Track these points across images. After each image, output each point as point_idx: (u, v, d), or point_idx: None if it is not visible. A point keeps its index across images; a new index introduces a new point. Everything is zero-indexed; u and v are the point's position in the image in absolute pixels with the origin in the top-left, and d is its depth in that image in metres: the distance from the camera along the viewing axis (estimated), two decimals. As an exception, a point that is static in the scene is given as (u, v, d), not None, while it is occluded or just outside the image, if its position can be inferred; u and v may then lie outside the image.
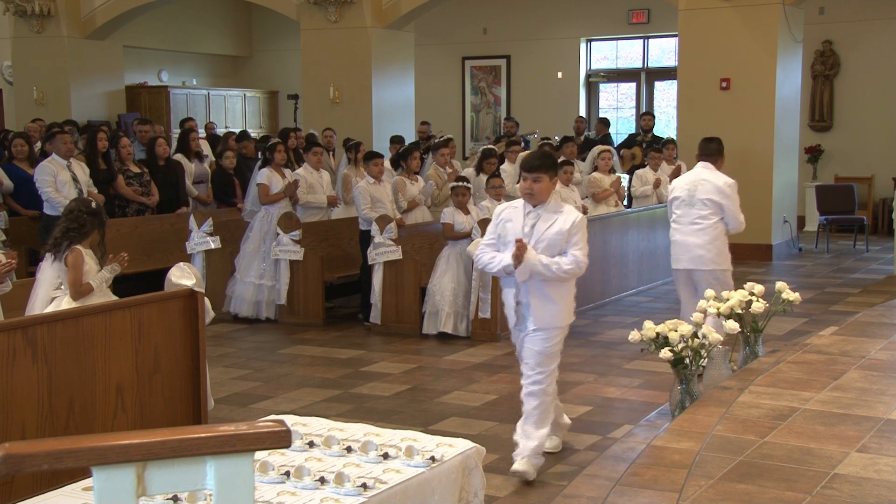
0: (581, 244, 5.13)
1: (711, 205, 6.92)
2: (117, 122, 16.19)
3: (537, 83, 17.80)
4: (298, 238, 9.05)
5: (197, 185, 10.85)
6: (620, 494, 3.92)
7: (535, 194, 5.08)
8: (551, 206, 5.14)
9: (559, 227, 5.08)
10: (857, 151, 15.65)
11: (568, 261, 5.09)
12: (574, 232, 5.09)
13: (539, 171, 5.05)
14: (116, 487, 2.00)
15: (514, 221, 5.18)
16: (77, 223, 5.64)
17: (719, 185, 6.96)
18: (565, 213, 5.13)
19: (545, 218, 5.12)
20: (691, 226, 6.97)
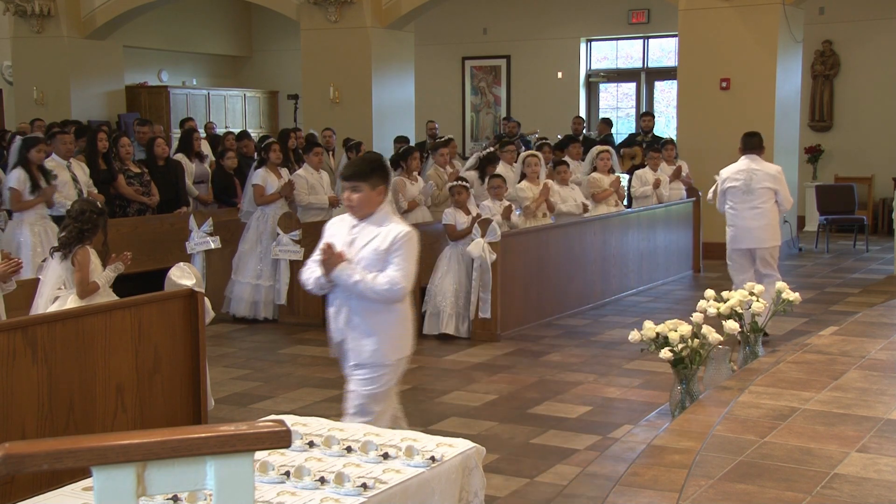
0: (402, 264, 4.41)
1: (768, 191, 8.03)
2: (117, 122, 16.19)
3: (537, 83, 17.80)
4: (298, 238, 9.04)
5: (197, 185, 10.85)
6: (620, 494, 3.92)
7: (356, 206, 4.48)
8: (377, 218, 4.49)
9: (377, 244, 4.44)
10: (857, 151, 15.65)
11: (383, 281, 4.39)
12: (394, 249, 4.42)
13: (356, 180, 4.45)
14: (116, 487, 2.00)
15: (338, 236, 4.59)
16: (90, 223, 5.67)
17: (772, 174, 8.09)
18: (389, 228, 4.47)
19: (367, 232, 4.50)
20: (751, 211, 8.03)
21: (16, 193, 8.46)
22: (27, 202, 8.49)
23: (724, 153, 12.40)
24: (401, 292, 4.43)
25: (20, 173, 8.50)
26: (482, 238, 8.31)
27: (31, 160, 8.54)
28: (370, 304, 4.44)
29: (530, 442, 5.78)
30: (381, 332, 4.51)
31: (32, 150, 8.53)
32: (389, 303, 4.46)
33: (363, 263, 4.44)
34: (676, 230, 11.45)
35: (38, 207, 8.55)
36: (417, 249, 4.54)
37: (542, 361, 7.70)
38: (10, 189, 8.51)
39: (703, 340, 5.28)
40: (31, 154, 8.53)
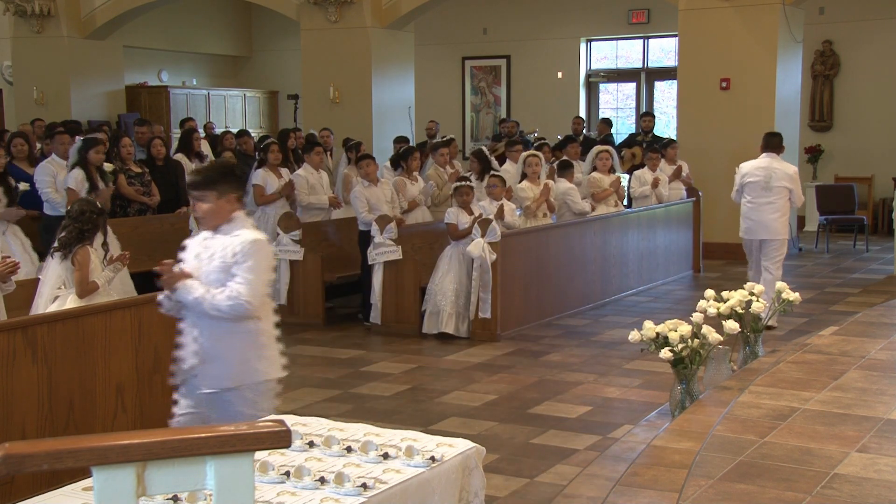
0: (246, 276, 4.05)
1: (783, 189, 8.66)
2: (117, 122, 16.18)
3: (537, 83, 17.80)
4: (298, 238, 9.05)
5: (197, 185, 10.85)
6: (620, 494, 3.92)
7: (205, 217, 4.16)
8: (228, 229, 4.15)
9: (223, 256, 4.10)
10: (857, 151, 15.65)
11: (225, 296, 4.03)
12: (240, 260, 4.07)
13: (202, 189, 4.11)
14: (116, 487, 2.00)
15: (191, 250, 4.26)
16: (90, 223, 5.67)
17: (790, 174, 8.75)
18: (237, 238, 4.12)
19: (216, 244, 4.16)
20: (767, 205, 8.68)
21: (73, 194, 8.23)
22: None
23: (725, 153, 12.45)
24: (245, 307, 4.04)
25: (79, 174, 8.37)
26: (482, 238, 8.31)
27: (89, 161, 8.42)
28: (220, 323, 4.08)
29: (530, 442, 5.78)
30: (233, 355, 4.14)
31: (91, 150, 8.44)
32: (236, 320, 4.08)
33: (209, 278, 4.09)
34: (676, 230, 11.45)
35: None
36: (269, 260, 4.22)
37: (542, 361, 7.70)
38: (68, 189, 8.36)
39: (703, 340, 5.28)
40: (90, 155, 8.41)
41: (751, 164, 8.84)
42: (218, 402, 4.17)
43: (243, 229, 4.16)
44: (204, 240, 4.22)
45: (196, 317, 4.14)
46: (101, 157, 8.54)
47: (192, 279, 4.11)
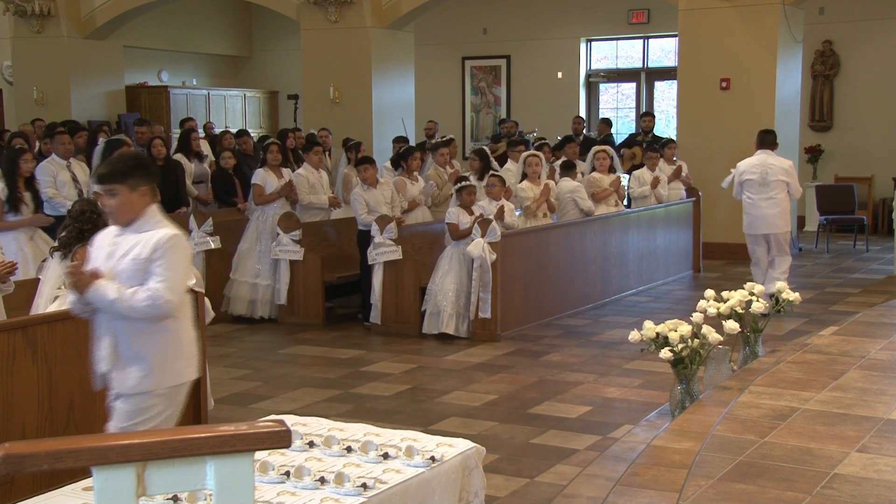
0: (165, 274, 3.85)
1: (781, 183, 9.04)
2: (117, 122, 16.18)
3: (537, 83, 17.80)
4: (298, 238, 9.05)
5: (196, 185, 10.85)
6: (620, 494, 3.92)
7: (115, 212, 3.95)
8: (140, 224, 3.95)
9: (137, 253, 3.88)
10: (857, 151, 15.65)
11: (143, 296, 3.82)
12: (156, 257, 3.86)
13: (111, 182, 3.91)
14: (116, 487, 2.00)
15: (100, 248, 4.04)
16: (91, 224, 5.66)
17: (785, 168, 9.12)
18: (151, 233, 3.92)
19: (128, 241, 3.94)
20: (767, 201, 9.04)
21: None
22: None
23: (725, 153, 12.44)
24: (166, 307, 3.85)
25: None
26: (482, 238, 8.31)
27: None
28: (136, 324, 3.88)
29: (530, 442, 5.78)
30: (151, 357, 3.93)
31: (116, 152, 8.25)
32: (156, 320, 3.89)
33: (122, 277, 3.87)
34: (676, 230, 11.45)
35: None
36: (187, 256, 4.08)
37: (542, 361, 7.70)
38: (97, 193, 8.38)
39: (703, 340, 5.28)
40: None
41: (747, 162, 9.23)
42: (132, 404, 3.96)
43: (158, 224, 3.97)
44: (115, 237, 3.99)
45: (110, 319, 3.92)
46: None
47: (105, 279, 3.87)
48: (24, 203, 7.77)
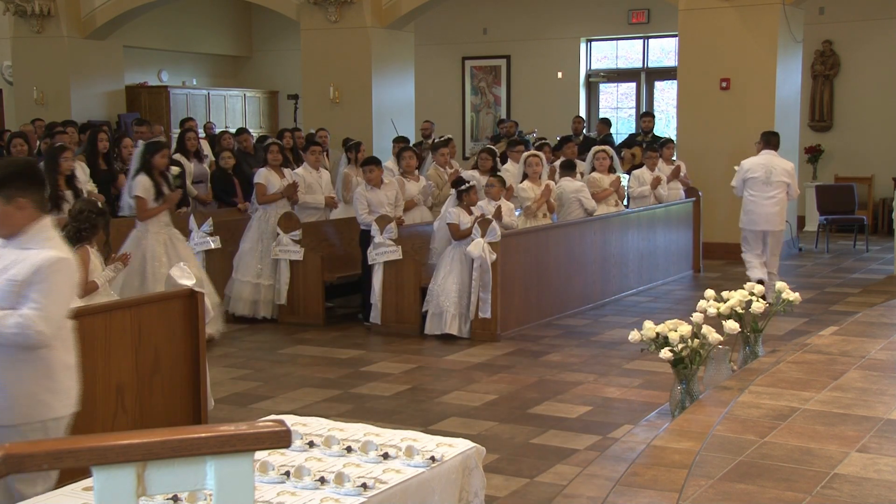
0: (41, 302, 3.50)
1: (782, 183, 9.51)
2: (117, 122, 16.19)
3: (537, 83, 17.80)
4: (298, 238, 9.05)
5: (196, 185, 10.84)
6: (620, 494, 3.92)
7: None
8: (25, 240, 3.59)
9: (16, 273, 3.53)
10: (857, 151, 15.65)
11: (12, 322, 3.48)
12: (35, 281, 3.50)
13: None
14: (116, 487, 2.00)
15: None
16: (88, 223, 5.67)
17: (787, 169, 9.62)
18: (35, 252, 3.56)
19: (7, 257, 3.59)
20: (769, 199, 9.49)
21: (142, 202, 7.86)
22: (152, 210, 7.91)
23: (724, 153, 12.45)
24: (35, 337, 3.49)
25: (146, 180, 7.88)
26: (482, 238, 8.31)
27: (154, 166, 7.94)
28: (4, 350, 3.54)
29: (530, 442, 5.78)
30: (14, 388, 3.58)
31: (156, 155, 7.98)
32: (24, 349, 3.54)
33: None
34: (676, 230, 11.45)
35: (161, 215, 7.99)
36: (71, 282, 3.68)
37: (542, 361, 7.70)
38: (137, 197, 7.88)
39: (703, 340, 5.28)
40: (154, 159, 7.95)
41: (752, 161, 9.70)
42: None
43: (45, 242, 3.59)
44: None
45: None
46: (165, 162, 8.13)
47: None
48: (66, 201, 7.49)
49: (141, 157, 8.01)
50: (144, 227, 7.96)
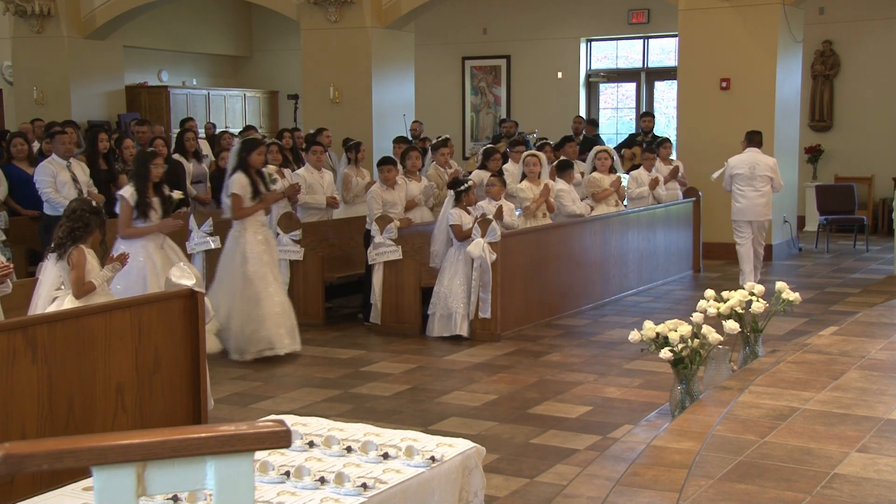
0: None
1: (766, 178, 10.39)
2: (117, 122, 16.20)
3: (537, 83, 17.81)
4: (298, 238, 9.05)
5: (195, 185, 10.85)
6: (620, 494, 3.92)
7: None
8: None
9: None
10: (857, 151, 15.65)
11: None
12: None
13: None
14: (116, 487, 2.00)
15: None
16: (81, 222, 5.65)
17: (770, 164, 10.49)
18: None
19: None
20: (755, 192, 10.41)
21: (238, 200, 7.65)
22: (248, 209, 7.70)
23: (724, 153, 12.42)
24: None
25: (243, 178, 7.64)
26: (482, 238, 8.31)
27: (251, 163, 7.70)
28: None
29: (530, 442, 5.78)
30: None
31: (253, 152, 7.73)
32: None
33: None
34: (676, 230, 11.45)
35: (258, 214, 7.80)
36: None
37: (542, 361, 7.70)
38: (233, 195, 7.65)
39: (703, 340, 5.28)
40: (251, 157, 7.70)
41: (737, 159, 10.55)
42: None
43: None
44: None
45: None
46: (262, 159, 7.85)
47: None
48: (153, 209, 7.10)
49: (237, 155, 7.79)
50: (241, 225, 7.77)
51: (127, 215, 7.04)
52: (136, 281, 6.79)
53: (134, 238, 7.00)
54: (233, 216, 7.80)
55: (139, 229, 7.05)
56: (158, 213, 7.17)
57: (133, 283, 6.74)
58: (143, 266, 6.85)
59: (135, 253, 6.74)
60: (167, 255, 7.09)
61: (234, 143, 8.20)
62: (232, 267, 7.73)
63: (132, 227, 7.04)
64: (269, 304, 7.72)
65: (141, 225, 7.05)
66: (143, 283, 6.79)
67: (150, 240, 7.07)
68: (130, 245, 6.85)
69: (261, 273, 7.70)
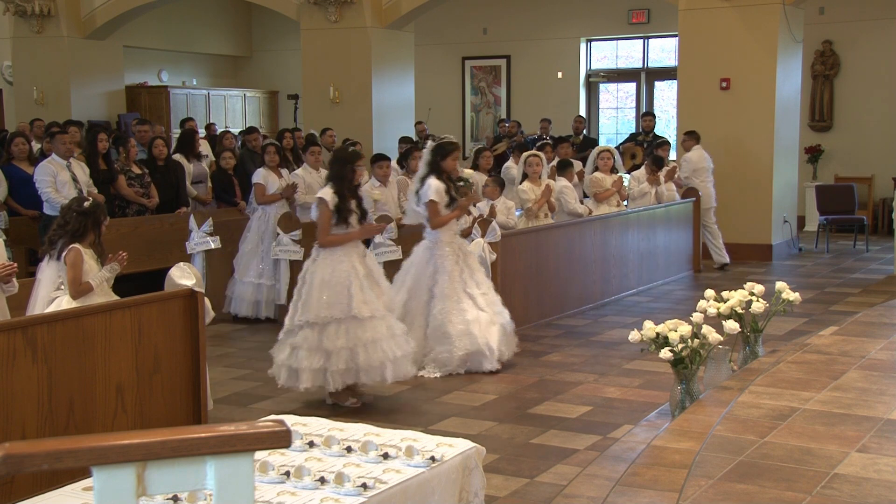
0: None
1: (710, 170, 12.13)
2: (117, 122, 16.20)
3: (537, 83, 17.81)
4: (298, 238, 9.05)
5: (195, 185, 10.84)
6: (620, 494, 3.92)
7: None
8: None
9: None
10: (857, 151, 15.65)
11: None
12: None
13: None
14: (116, 487, 2.00)
15: None
16: (63, 220, 5.64)
17: (710, 157, 12.17)
18: None
19: None
20: (711, 182, 12.08)
21: (435, 207, 7.20)
22: (445, 217, 7.28)
23: (724, 153, 12.46)
24: None
25: (438, 184, 7.18)
26: (482, 238, 8.31)
27: (444, 169, 7.24)
28: None
29: (530, 442, 5.77)
30: None
31: (447, 157, 7.24)
32: None
33: None
34: (676, 230, 11.45)
35: (452, 223, 7.38)
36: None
37: (542, 361, 7.70)
38: (430, 202, 7.21)
39: (703, 340, 5.28)
40: (445, 162, 7.23)
41: (695, 155, 12.03)
42: None
43: None
44: None
45: None
46: (455, 164, 7.35)
47: None
48: (353, 213, 6.42)
49: (430, 159, 7.26)
50: (436, 236, 7.30)
51: (327, 221, 6.31)
52: (341, 293, 6.20)
53: (335, 246, 6.32)
54: (430, 225, 7.28)
55: (341, 236, 6.32)
56: (357, 219, 6.44)
57: (337, 296, 6.19)
58: (347, 277, 6.22)
59: (337, 263, 6.25)
60: (368, 266, 6.45)
61: (426, 145, 7.53)
62: (422, 281, 7.24)
63: (333, 235, 6.32)
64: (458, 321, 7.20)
65: (341, 231, 6.36)
66: (349, 297, 6.20)
67: (353, 248, 6.38)
68: (331, 254, 6.28)
69: (449, 290, 7.21)
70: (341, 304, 6.19)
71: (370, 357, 6.23)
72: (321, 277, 6.23)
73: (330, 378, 6.23)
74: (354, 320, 6.20)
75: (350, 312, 6.18)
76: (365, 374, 6.29)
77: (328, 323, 6.19)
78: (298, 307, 6.29)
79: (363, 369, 6.26)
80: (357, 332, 6.20)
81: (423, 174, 7.32)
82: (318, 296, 6.19)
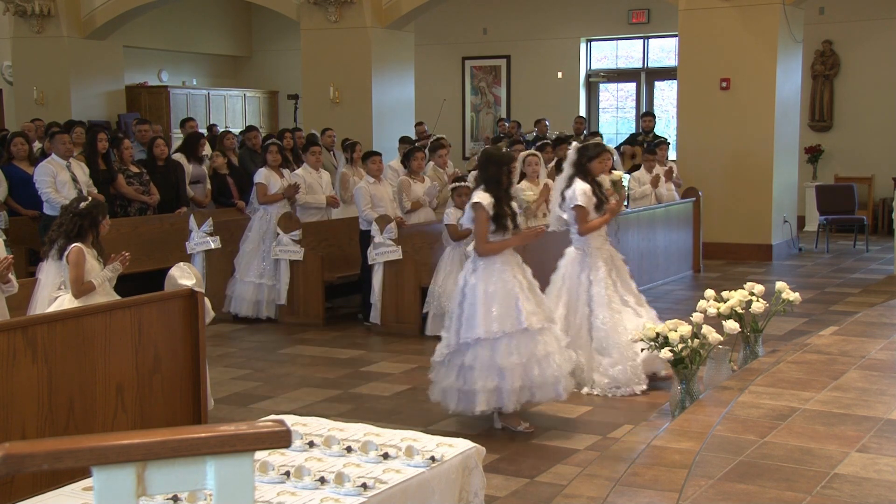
0: None
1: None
2: (117, 122, 16.20)
3: (537, 83, 17.80)
4: (298, 238, 9.05)
5: (193, 186, 10.82)
6: (620, 494, 3.92)
7: None
8: None
9: None
10: (857, 151, 15.65)
11: None
12: None
13: None
14: (116, 487, 2.00)
15: None
16: (69, 222, 5.65)
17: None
18: None
19: None
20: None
21: (583, 212, 6.90)
22: (595, 222, 6.96)
23: (725, 153, 12.45)
24: None
25: (586, 187, 6.88)
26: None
27: (591, 171, 6.95)
28: None
29: (530, 442, 5.77)
30: None
31: (595, 159, 6.96)
32: None
33: None
34: (676, 230, 11.45)
35: (601, 229, 7.08)
36: None
37: (542, 361, 7.68)
38: (577, 207, 6.88)
39: (703, 340, 5.29)
40: (592, 164, 6.94)
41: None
42: None
43: None
44: None
45: None
46: (602, 167, 7.07)
47: None
48: (510, 218, 6.02)
49: (576, 161, 6.96)
50: (584, 242, 6.96)
51: (485, 227, 5.88)
52: (510, 305, 5.80)
53: (494, 254, 5.91)
54: (579, 231, 6.95)
55: (500, 244, 5.91)
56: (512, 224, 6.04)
57: (507, 309, 5.79)
58: (511, 286, 5.84)
59: (499, 273, 5.87)
60: (527, 275, 6.08)
61: (572, 147, 7.23)
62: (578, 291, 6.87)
63: (492, 242, 5.90)
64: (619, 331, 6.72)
65: (499, 238, 5.94)
66: (517, 310, 5.80)
67: (511, 256, 6.01)
68: (491, 264, 5.88)
69: (603, 298, 6.81)
70: (511, 317, 5.75)
71: (544, 373, 5.79)
72: (485, 290, 5.78)
73: (505, 398, 5.76)
74: (525, 334, 5.76)
75: (520, 325, 5.74)
76: (539, 391, 5.82)
77: (499, 338, 5.73)
78: (462, 324, 5.80)
79: (537, 386, 5.79)
80: (529, 347, 5.77)
81: (567, 177, 6.98)
82: (485, 310, 5.74)
